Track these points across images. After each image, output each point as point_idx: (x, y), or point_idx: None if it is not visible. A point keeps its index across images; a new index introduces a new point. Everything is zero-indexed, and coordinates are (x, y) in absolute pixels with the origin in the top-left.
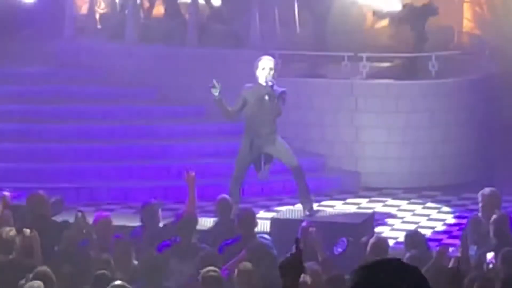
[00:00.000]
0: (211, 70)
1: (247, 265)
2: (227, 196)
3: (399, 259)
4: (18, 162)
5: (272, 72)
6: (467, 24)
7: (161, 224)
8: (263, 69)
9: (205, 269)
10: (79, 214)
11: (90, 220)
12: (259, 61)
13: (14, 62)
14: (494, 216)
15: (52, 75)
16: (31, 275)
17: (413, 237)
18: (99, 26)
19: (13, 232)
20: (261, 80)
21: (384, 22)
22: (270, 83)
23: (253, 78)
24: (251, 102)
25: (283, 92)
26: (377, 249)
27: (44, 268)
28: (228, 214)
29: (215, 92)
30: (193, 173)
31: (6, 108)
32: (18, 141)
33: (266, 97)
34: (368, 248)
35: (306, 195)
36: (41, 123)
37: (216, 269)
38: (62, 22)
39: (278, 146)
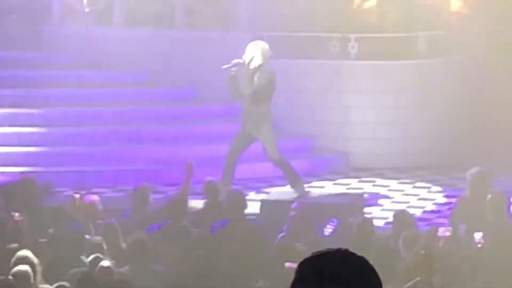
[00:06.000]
0: (199, 52)
1: None
2: (213, 179)
3: (346, 249)
4: (7, 145)
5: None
6: (455, 3)
7: (151, 207)
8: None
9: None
10: (77, 196)
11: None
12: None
13: (1, 46)
14: (489, 195)
15: (39, 59)
16: (13, 260)
17: (401, 216)
18: (86, 10)
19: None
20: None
21: (372, 2)
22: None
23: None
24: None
25: (270, 73)
26: (363, 230)
27: (24, 252)
28: (216, 196)
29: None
30: (192, 164)
31: None
32: (7, 125)
33: (255, 78)
34: (355, 229)
35: (294, 179)
36: (29, 107)
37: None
38: (49, 6)
39: (265, 136)
